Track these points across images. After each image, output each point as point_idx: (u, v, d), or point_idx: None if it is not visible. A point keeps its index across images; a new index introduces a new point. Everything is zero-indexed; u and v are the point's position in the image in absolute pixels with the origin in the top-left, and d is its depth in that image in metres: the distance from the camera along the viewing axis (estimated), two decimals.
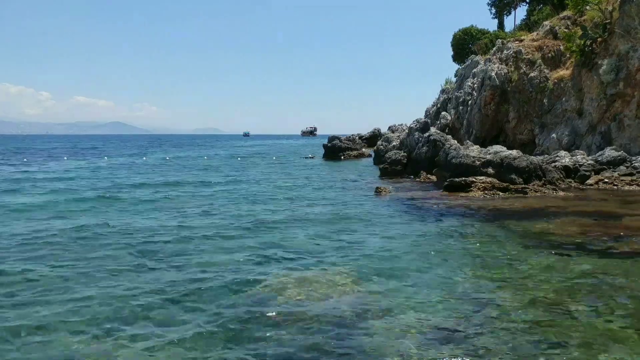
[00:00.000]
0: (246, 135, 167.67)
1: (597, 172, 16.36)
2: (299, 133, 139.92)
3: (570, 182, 16.01)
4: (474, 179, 14.83)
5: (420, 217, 10.90)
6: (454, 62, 38.47)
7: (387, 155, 22.06)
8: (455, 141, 20.06)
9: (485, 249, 7.96)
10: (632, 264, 6.86)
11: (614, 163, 16.61)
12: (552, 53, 23.20)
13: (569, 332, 4.59)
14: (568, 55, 22.20)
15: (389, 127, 43.42)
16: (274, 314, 5.15)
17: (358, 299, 5.60)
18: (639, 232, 8.86)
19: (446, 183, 15.22)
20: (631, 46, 17.96)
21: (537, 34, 25.21)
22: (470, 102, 27.47)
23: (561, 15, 24.23)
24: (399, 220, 10.62)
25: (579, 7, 21.61)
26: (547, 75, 22.71)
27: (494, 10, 40.74)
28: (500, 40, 27.29)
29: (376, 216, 11.21)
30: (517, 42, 25.32)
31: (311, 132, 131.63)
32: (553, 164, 16.79)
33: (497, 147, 16.71)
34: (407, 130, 23.35)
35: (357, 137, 42.37)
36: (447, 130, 27.34)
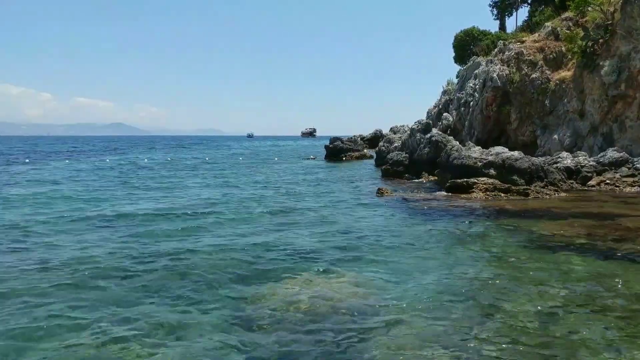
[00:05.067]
0: (250, 136, 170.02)
1: (598, 174, 16.37)
2: (299, 134, 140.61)
3: (572, 183, 16.01)
4: (475, 180, 14.84)
5: (422, 219, 10.91)
6: (455, 63, 38.57)
7: (388, 157, 22.07)
8: (457, 142, 20.07)
9: (487, 251, 7.97)
10: (634, 266, 6.86)
11: (615, 164, 16.61)
12: (554, 54, 23.22)
13: (570, 335, 4.60)
14: (570, 57, 22.23)
15: (391, 128, 43.46)
16: (274, 316, 5.16)
17: (359, 301, 5.60)
18: None
19: (448, 184, 15.23)
20: (633, 47, 17.96)
21: (539, 35, 25.24)
22: (471, 103, 27.50)
23: (563, 16, 24.24)
24: (401, 222, 10.63)
25: (581, 8, 21.62)
26: (549, 77, 22.73)
27: (495, 12, 40.79)
28: (501, 42, 27.33)
29: (377, 217, 11.22)
30: (518, 43, 25.35)
31: (311, 133, 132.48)
32: (555, 165, 16.79)
33: (498, 149, 16.72)
34: (408, 132, 23.35)
35: (358, 138, 42.38)
36: (448, 132, 27.37)
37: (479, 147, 18.43)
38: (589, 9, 20.97)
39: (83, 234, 9.29)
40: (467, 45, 35.93)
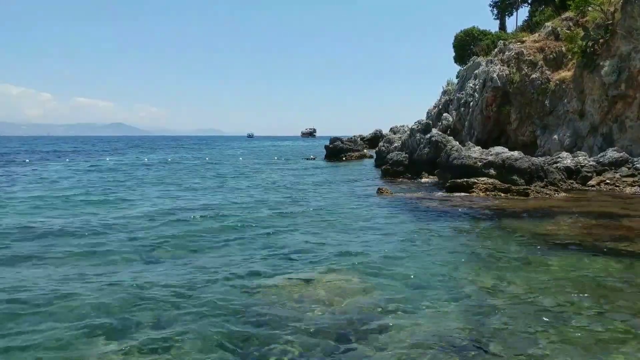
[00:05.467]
0: (250, 136, 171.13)
1: (598, 174, 16.37)
2: (299, 134, 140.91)
3: (572, 183, 16.01)
4: (475, 180, 14.84)
5: (422, 219, 10.90)
6: (455, 63, 38.55)
7: (388, 157, 22.07)
8: (457, 142, 20.07)
9: (487, 251, 7.96)
10: (634, 266, 6.86)
11: (615, 164, 16.61)
12: (554, 54, 23.22)
13: (571, 336, 4.59)
14: (570, 57, 22.22)
15: (391, 129, 43.48)
16: (273, 317, 5.14)
17: (359, 302, 5.60)
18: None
19: (448, 184, 15.23)
20: (633, 47, 17.96)
21: (539, 35, 25.24)
22: (471, 103, 27.50)
23: (563, 16, 24.24)
24: (401, 222, 10.63)
25: (581, 8, 21.62)
26: (549, 77, 22.72)
27: (495, 12, 40.79)
28: (502, 42, 27.32)
29: (378, 217, 11.21)
30: (518, 43, 25.34)
31: (310, 134, 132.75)
32: (555, 165, 16.78)
33: (498, 149, 16.72)
34: (408, 132, 23.34)
35: (358, 138, 42.38)
36: (448, 132, 27.38)
37: (479, 147, 18.44)
38: (589, 8, 20.97)
39: (84, 236, 9.28)
40: (467, 45, 35.92)
